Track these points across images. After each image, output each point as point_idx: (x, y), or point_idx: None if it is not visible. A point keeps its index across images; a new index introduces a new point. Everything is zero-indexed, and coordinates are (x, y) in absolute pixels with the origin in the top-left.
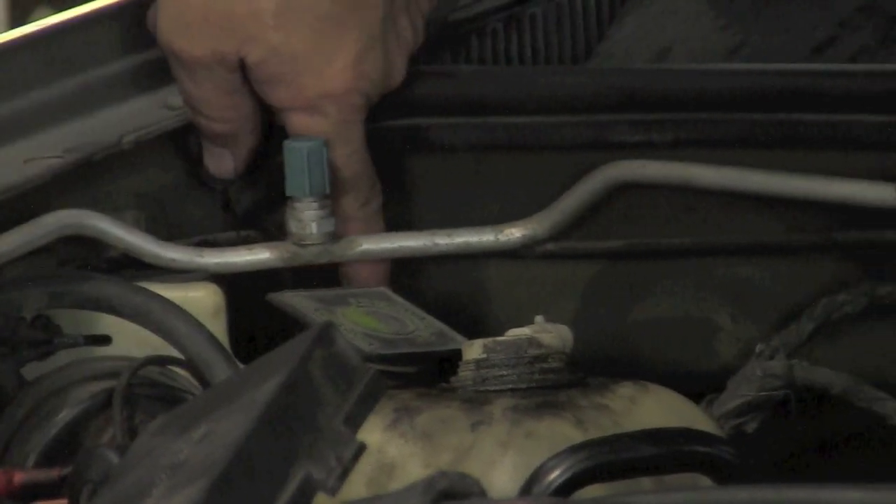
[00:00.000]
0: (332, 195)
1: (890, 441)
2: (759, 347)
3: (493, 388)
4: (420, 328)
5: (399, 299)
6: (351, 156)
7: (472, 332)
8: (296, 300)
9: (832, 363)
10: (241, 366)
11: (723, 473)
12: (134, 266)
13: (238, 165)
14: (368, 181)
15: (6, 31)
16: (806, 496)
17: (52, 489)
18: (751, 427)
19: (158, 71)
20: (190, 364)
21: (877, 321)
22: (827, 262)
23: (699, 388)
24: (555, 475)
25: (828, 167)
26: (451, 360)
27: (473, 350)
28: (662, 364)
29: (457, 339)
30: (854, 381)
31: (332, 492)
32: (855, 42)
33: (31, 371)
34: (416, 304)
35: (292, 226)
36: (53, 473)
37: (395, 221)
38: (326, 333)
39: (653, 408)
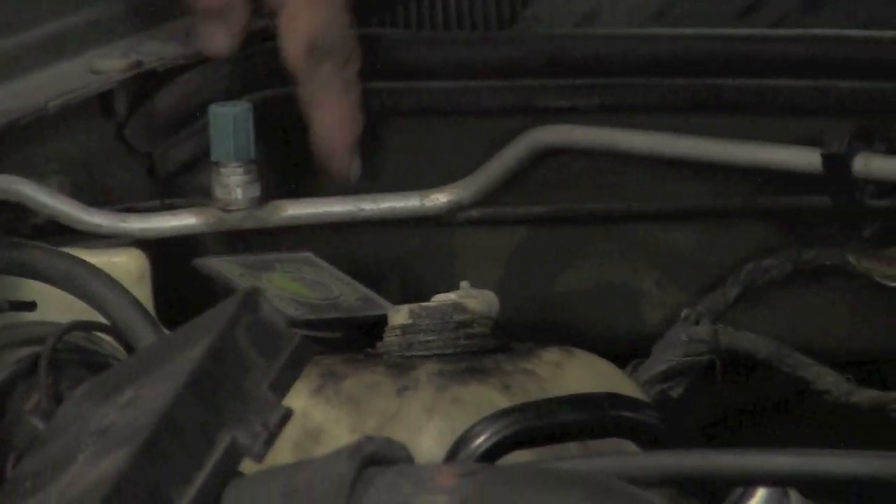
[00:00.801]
0: (311, 62)
1: (814, 406)
2: (684, 312)
3: (419, 353)
4: (346, 293)
5: (325, 265)
6: (334, 18)
7: (398, 298)
8: (221, 265)
9: (758, 328)
10: (167, 332)
11: (648, 438)
12: (59, 232)
13: (232, 42)
14: (348, 43)
15: None
16: (731, 461)
17: None
18: (676, 392)
19: (84, 34)
20: (115, 329)
21: (801, 286)
22: (752, 227)
23: (625, 353)
24: (480, 440)
25: (753, 132)
26: (377, 326)
27: (399, 316)
28: (588, 329)
29: (383, 305)
30: (779, 346)
31: (258, 457)
32: (780, 7)
33: None
34: (342, 269)
35: (218, 191)
36: None
37: (322, 187)
38: (251, 299)
39: (578, 373)
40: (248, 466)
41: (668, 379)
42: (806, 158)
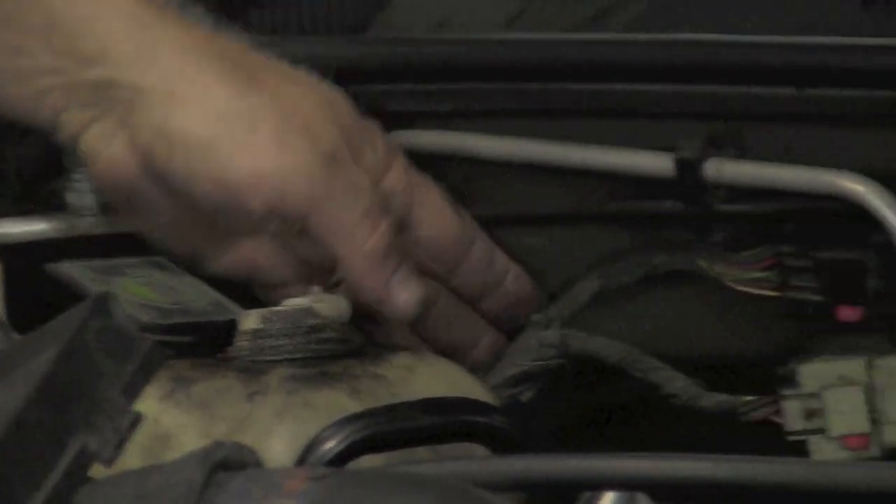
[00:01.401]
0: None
1: (665, 410)
2: (535, 317)
3: (269, 358)
4: (196, 298)
5: (175, 269)
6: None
7: (249, 303)
8: (73, 271)
9: (610, 332)
10: (18, 337)
11: (498, 443)
12: None
13: None
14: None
15: None
16: (580, 465)
17: None
18: (526, 396)
19: None
20: None
21: (653, 291)
22: (607, 231)
23: None
24: (330, 445)
25: (607, 137)
26: (228, 331)
27: (250, 320)
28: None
29: (233, 310)
30: (629, 350)
31: (108, 462)
32: (632, 11)
33: None
34: (193, 273)
35: (70, 197)
36: None
37: None
38: (103, 304)
39: (429, 378)
40: (98, 471)
41: (518, 383)
42: (659, 163)
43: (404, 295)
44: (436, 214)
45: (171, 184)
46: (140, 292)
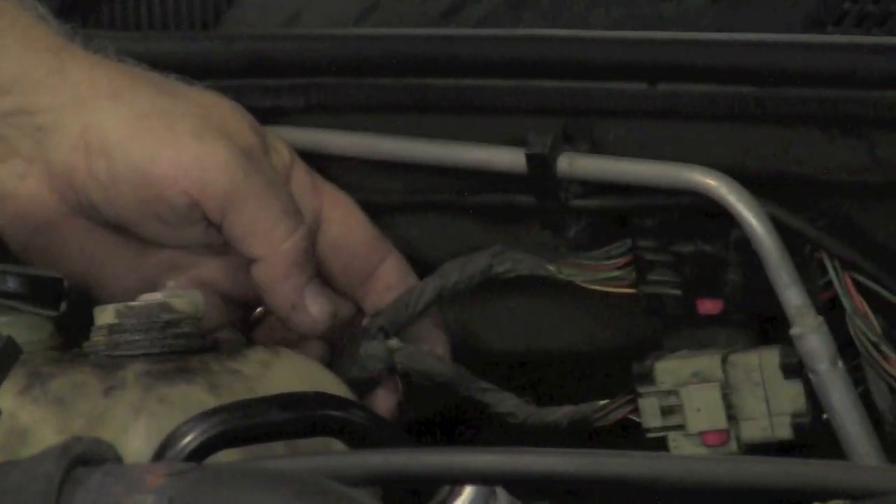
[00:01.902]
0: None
1: (498, 428)
2: (364, 322)
3: (126, 353)
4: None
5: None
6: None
7: None
8: None
9: (453, 330)
10: None
11: (356, 437)
12: None
13: None
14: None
15: None
16: (438, 459)
17: None
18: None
19: None
20: None
21: (499, 293)
22: (461, 225)
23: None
24: (188, 440)
25: (459, 132)
26: (56, 288)
27: (106, 315)
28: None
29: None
30: (458, 369)
31: None
32: (484, 7)
33: None
34: None
35: None
36: None
37: None
38: None
39: (286, 372)
40: None
41: (354, 388)
42: (511, 158)
43: (317, 305)
44: (346, 215)
45: (93, 201)
46: None
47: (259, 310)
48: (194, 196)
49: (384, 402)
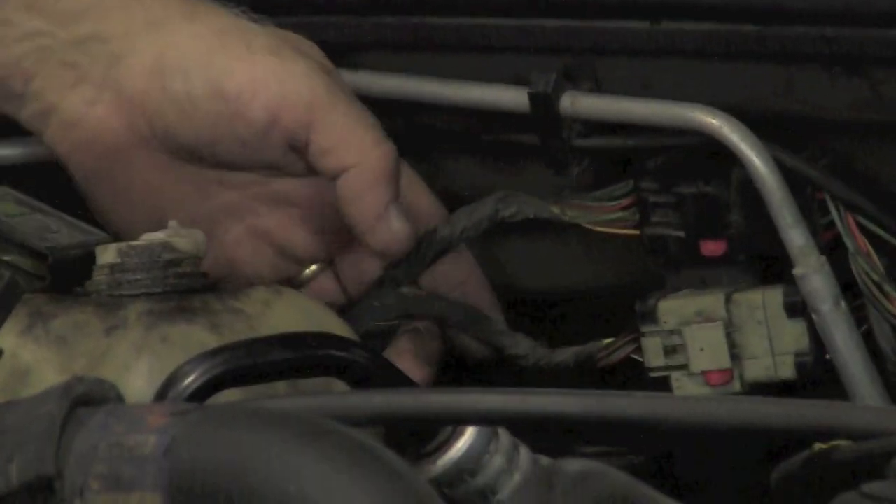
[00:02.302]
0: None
1: (509, 370)
2: (378, 275)
3: (127, 292)
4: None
5: (31, 200)
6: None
7: None
8: None
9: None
10: None
11: (357, 377)
12: None
13: None
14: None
15: None
16: (440, 400)
17: None
18: None
19: None
20: None
21: (506, 236)
22: (465, 165)
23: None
24: (190, 380)
25: (461, 71)
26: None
27: (107, 254)
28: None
29: (100, 235)
30: (471, 311)
31: None
32: None
33: None
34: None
35: None
36: None
37: None
38: None
39: (287, 312)
40: None
41: (373, 339)
42: (514, 97)
43: (399, 223)
44: (411, 183)
45: (168, 125)
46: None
47: (311, 269)
48: (273, 110)
49: (414, 347)
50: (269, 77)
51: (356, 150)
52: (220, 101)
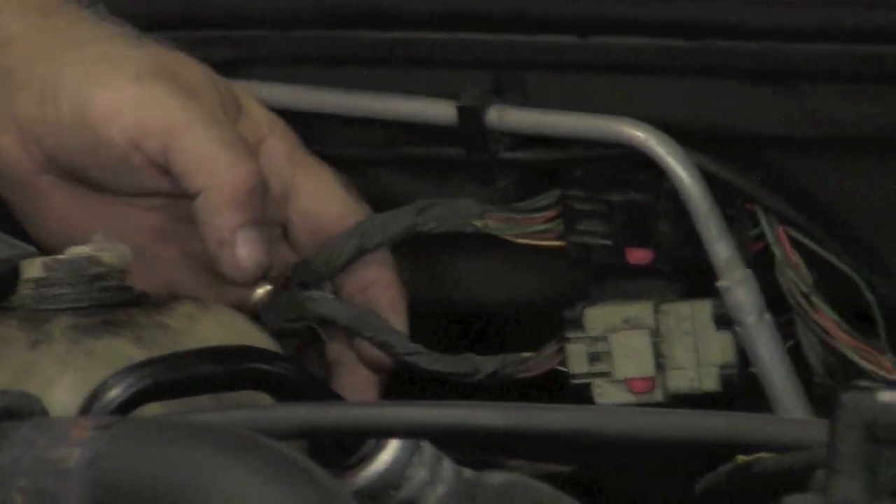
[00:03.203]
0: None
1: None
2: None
3: (52, 306)
4: None
5: None
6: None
7: None
8: None
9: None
10: None
11: (282, 390)
12: None
13: None
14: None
15: None
16: (364, 413)
17: None
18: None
19: None
20: None
21: (425, 247)
22: (392, 178)
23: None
24: (114, 393)
25: (389, 85)
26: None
27: (33, 269)
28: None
29: (26, 249)
30: (362, 313)
31: None
32: None
33: None
34: None
35: None
36: None
37: None
38: None
39: (212, 326)
40: None
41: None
42: (442, 110)
43: (247, 250)
44: (322, 190)
45: (49, 150)
46: None
47: (260, 291)
48: (131, 135)
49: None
50: (127, 104)
51: (207, 174)
52: (84, 128)
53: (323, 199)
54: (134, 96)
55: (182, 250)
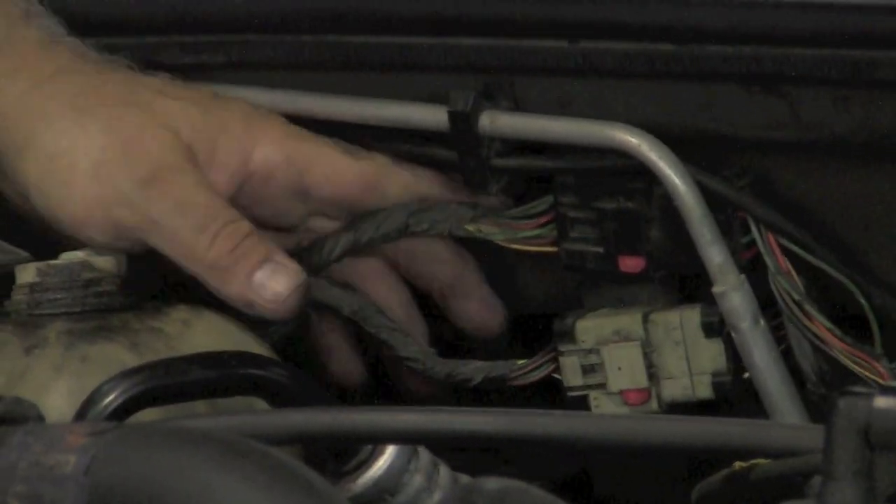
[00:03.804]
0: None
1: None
2: None
3: (47, 311)
4: None
5: None
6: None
7: None
8: None
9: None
10: None
11: (278, 396)
12: None
13: None
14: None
15: None
16: (360, 419)
17: None
18: (274, 338)
19: None
20: None
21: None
22: None
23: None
24: (109, 399)
25: (380, 90)
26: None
27: (27, 274)
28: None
29: (19, 254)
30: (367, 305)
31: None
32: None
33: None
34: None
35: None
36: None
37: None
38: None
39: (206, 331)
40: None
41: (260, 326)
42: (433, 116)
43: (271, 292)
44: (331, 172)
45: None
46: None
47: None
48: (109, 234)
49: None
50: (91, 206)
51: (192, 262)
52: (57, 225)
53: (338, 179)
54: (95, 197)
55: None
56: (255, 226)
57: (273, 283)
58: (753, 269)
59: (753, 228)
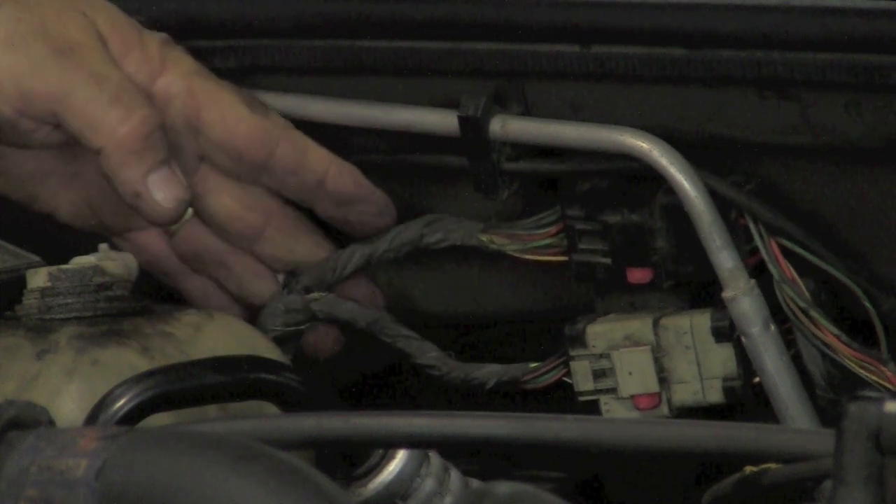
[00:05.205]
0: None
1: (418, 374)
2: (283, 280)
3: (58, 316)
4: None
5: None
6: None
7: None
8: None
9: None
10: None
11: (289, 400)
12: None
13: None
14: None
15: None
16: (371, 423)
17: None
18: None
19: None
20: None
21: (430, 260)
22: (391, 188)
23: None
24: (121, 403)
25: (391, 94)
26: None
27: (38, 278)
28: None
29: (31, 258)
30: (380, 316)
31: None
32: None
33: None
34: None
35: None
36: None
37: None
38: None
39: (218, 335)
40: None
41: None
42: (444, 120)
43: (162, 192)
44: (227, 116)
45: None
46: None
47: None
48: (17, 105)
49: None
50: (3, 74)
51: (100, 134)
52: None
53: (231, 125)
54: (7, 66)
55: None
56: None
57: (165, 186)
58: (759, 275)
59: (756, 235)
